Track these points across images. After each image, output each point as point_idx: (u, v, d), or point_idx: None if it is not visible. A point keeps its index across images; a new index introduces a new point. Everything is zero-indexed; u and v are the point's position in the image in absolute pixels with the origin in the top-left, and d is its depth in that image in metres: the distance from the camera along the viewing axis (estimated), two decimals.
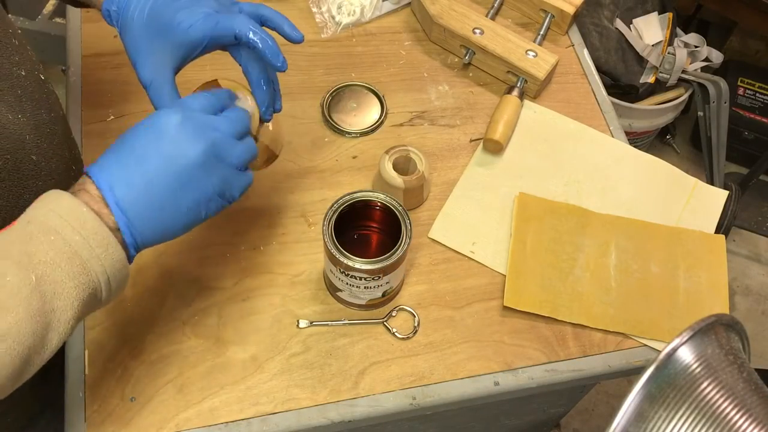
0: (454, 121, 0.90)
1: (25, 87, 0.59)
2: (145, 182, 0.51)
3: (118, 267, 0.51)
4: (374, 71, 0.93)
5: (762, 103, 1.88)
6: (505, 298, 0.75)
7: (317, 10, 0.97)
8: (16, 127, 0.56)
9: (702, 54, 1.73)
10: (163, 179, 0.51)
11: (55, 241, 0.47)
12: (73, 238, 0.48)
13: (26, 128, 0.58)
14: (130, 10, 0.59)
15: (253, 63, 0.62)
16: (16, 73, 0.58)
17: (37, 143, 0.59)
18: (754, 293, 1.85)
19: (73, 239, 0.48)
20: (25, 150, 0.57)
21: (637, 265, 0.79)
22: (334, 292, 0.74)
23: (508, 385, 0.72)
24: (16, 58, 0.59)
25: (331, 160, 0.85)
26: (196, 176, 0.52)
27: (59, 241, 0.47)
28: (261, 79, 0.63)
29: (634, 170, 0.88)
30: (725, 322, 0.56)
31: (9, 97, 0.57)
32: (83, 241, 0.48)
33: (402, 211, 0.69)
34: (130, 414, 0.66)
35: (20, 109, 0.58)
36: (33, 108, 0.59)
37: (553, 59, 0.91)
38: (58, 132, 0.64)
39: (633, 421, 0.51)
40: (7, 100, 0.57)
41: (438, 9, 0.94)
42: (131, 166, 0.51)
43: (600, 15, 1.58)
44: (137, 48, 0.58)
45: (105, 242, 0.49)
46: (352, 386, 0.70)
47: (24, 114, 0.58)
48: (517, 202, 0.82)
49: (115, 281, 0.51)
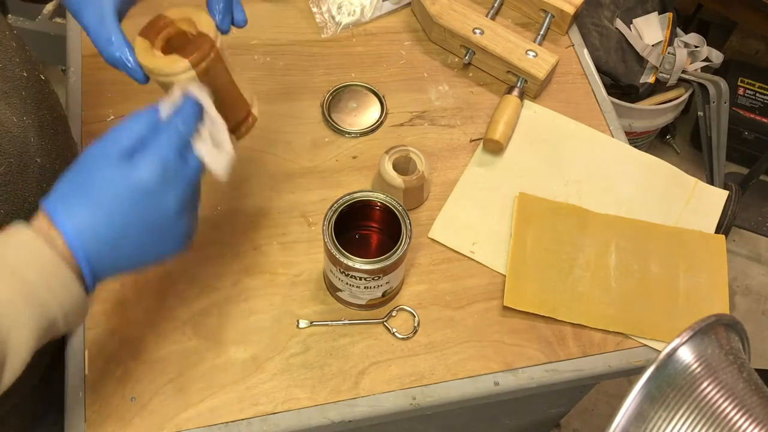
0: (454, 121, 0.90)
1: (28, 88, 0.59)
2: (108, 225, 0.49)
3: (78, 302, 0.49)
4: (374, 71, 0.93)
5: (762, 103, 1.88)
6: (505, 298, 0.75)
7: (317, 10, 0.97)
8: (20, 129, 0.56)
9: (702, 54, 1.72)
10: (123, 214, 0.49)
11: (12, 280, 0.45)
12: (30, 276, 0.46)
13: (30, 130, 0.57)
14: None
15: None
16: (19, 74, 0.58)
17: (42, 145, 0.59)
18: (754, 293, 1.85)
19: (30, 278, 0.46)
20: (30, 153, 0.57)
21: (637, 265, 0.79)
22: (334, 292, 0.74)
23: (508, 385, 0.72)
24: (17, 59, 0.59)
25: (331, 160, 0.85)
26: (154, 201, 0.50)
27: (16, 280, 0.45)
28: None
29: (634, 170, 0.88)
30: (725, 322, 0.56)
31: (14, 99, 0.56)
32: (42, 281, 0.46)
33: (402, 211, 0.69)
34: (130, 414, 0.66)
35: (24, 110, 0.57)
36: (36, 109, 0.59)
37: (553, 59, 0.91)
38: (60, 133, 0.63)
39: (633, 421, 0.51)
40: (12, 102, 0.56)
41: (438, 9, 0.94)
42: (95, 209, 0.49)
43: (600, 15, 1.58)
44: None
45: (64, 280, 0.47)
46: (352, 386, 0.70)
47: (28, 116, 0.57)
48: (517, 202, 0.82)
49: (75, 314, 0.49)
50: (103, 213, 0.48)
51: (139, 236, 0.50)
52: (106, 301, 0.72)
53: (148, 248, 0.51)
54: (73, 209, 0.48)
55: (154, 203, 0.49)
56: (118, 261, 0.50)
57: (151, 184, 0.49)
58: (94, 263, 0.49)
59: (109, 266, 0.50)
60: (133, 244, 0.50)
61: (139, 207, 0.49)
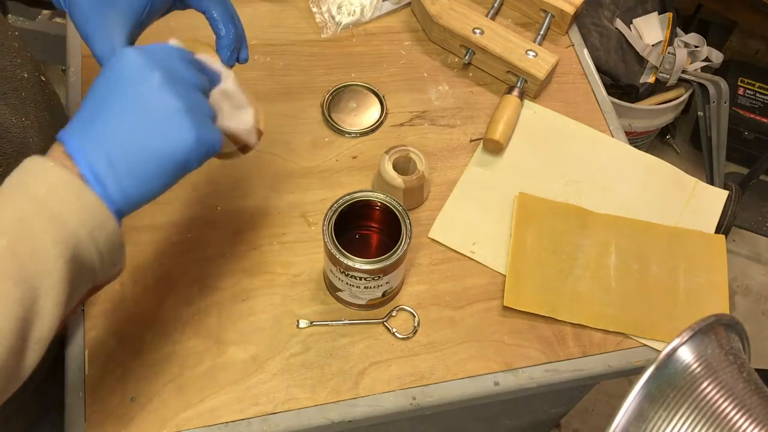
0: (454, 121, 0.90)
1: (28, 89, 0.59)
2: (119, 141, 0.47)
3: (99, 220, 0.46)
4: (374, 71, 0.93)
5: (762, 103, 1.88)
6: (505, 298, 0.75)
7: (317, 10, 0.97)
8: (19, 130, 0.56)
9: (702, 54, 1.72)
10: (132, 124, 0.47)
11: (22, 198, 0.44)
12: (39, 190, 0.44)
13: (30, 131, 0.57)
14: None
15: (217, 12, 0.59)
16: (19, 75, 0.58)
17: (42, 146, 0.59)
18: (754, 293, 1.85)
19: (39, 191, 0.44)
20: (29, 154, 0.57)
21: (637, 265, 0.79)
22: (334, 292, 0.74)
23: (508, 385, 0.72)
24: (18, 60, 0.59)
25: (331, 160, 0.85)
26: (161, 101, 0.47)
27: (25, 197, 0.44)
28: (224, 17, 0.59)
29: (634, 170, 0.88)
30: (725, 322, 0.56)
31: (13, 100, 0.56)
32: (49, 193, 0.44)
33: (402, 211, 0.69)
34: (130, 414, 0.66)
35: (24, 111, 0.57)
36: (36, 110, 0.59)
37: (553, 59, 0.91)
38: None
39: (633, 421, 0.51)
40: (12, 103, 0.56)
41: (438, 9, 0.94)
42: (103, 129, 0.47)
43: (600, 15, 1.58)
44: (87, 21, 0.55)
45: (76, 192, 0.45)
46: (352, 386, 0.70)
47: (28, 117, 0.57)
48: (517, 202, 0.82)
49: (103, 240, 0.46)
50: (102, 122, 0.47)
51: (140, 125, 0.47)
52: (106, 301, 0.72)
53: (157, 139, 0.48)
54: (85, 137, 0.47)
55: (148, 89, 0.47)
56: (132, 166, 0.47)
57: (141, 68, 0.47)
58: (109, 182, 0.47)
59: (125, 175, 0.47)
60: (136, 135, 0.47)
61: (134, 93, 0.47)
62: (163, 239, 0.77)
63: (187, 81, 0.49)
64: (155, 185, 0.49)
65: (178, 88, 0.48)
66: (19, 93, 0.57)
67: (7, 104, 0.56)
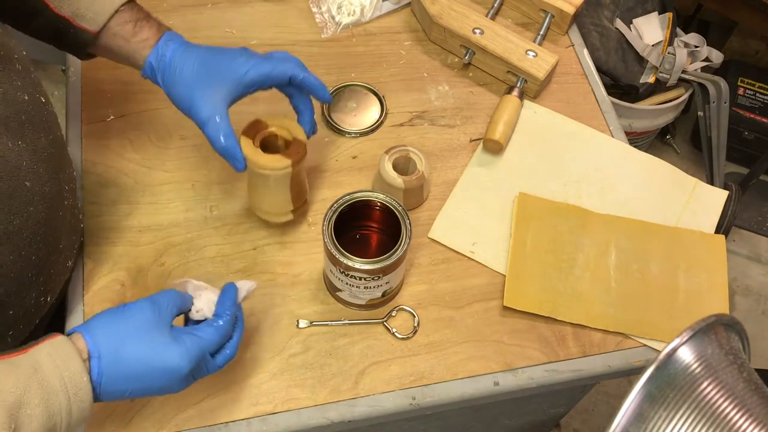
0: (454, 121, 0.90)
1: (28, 112, 0.59)
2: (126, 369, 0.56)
3: (85, 416, 0.55)
4: (374, 71, 0.93)
5: (762, 103, 1.88)
6: (505, 298, 0.75)
7: (317, 10, 0.97)
8: (13, 154, 0.56)
9: (702, 54, 1.72)
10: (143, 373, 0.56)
11: (46, 400, 0.51)
12: (62, 401, 0.52)
13: (24, 154, 0.58)
14: (174, 66, 0.67)
15: (301, 97, 0.73)
16: (20, 98, 0.58)
17: (33, 169, 0.59)
18: (754, 293, 1.85)
19: (62, 403, 0.52)
20: (20, 177, 0.57)
21: (637, 265, 0.79)
22: (334, 292, 0.74)
23: (508, 385, 0.72)
24: (19, 82, 0.59)
25: (331, 160, 0.85)
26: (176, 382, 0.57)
27: (48, 400, 0.51)
28: (308, 108, 0.73)
29: (634, 170, 0.88)
30: (725, 322, 0.56)
31: (13, 124, 0.57)
32: (68, 404, 0.52)
33: (402, 211, 0.69)
34: (130, 414, 0.66)
35: (21, 135, 0.58)
36: (33, 133, 0.60)
37: (553, 59, 0.91)
38: (55, 155, 0.63)
39: (633, 421, 0.51)
40: (11, 126, 0.57)
41: (438, 9, 0.94)
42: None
43: (600, 15, 1.58)
44: (192, 94, 0.66)
45: (85, 402, 0.54)
46: (352, 386, 0.70)
47: (24, 140, 0.58)
48: (517, 202, 0.82)
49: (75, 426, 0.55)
50: (129, 364, 0.56)
51: (148, 381, 0.56)
52: (106, 301, 0.72)
53: (155, 391, 0.58)
54: (108, 342, 0.55)
55: (174, 377, 0.57)
56: (123, 395, 0.57)
57: (182, 371, 0.56)
58: (104, 389, 0.55)
59: (111, 396, 0.56)
60: (142, 386, 0.56)
61: (161, 378, 0.56)
62: (163, 239, 0.77)
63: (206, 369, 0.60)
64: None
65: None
66: (20, 116, 0.58)
67: (7, 128, 0.56)
